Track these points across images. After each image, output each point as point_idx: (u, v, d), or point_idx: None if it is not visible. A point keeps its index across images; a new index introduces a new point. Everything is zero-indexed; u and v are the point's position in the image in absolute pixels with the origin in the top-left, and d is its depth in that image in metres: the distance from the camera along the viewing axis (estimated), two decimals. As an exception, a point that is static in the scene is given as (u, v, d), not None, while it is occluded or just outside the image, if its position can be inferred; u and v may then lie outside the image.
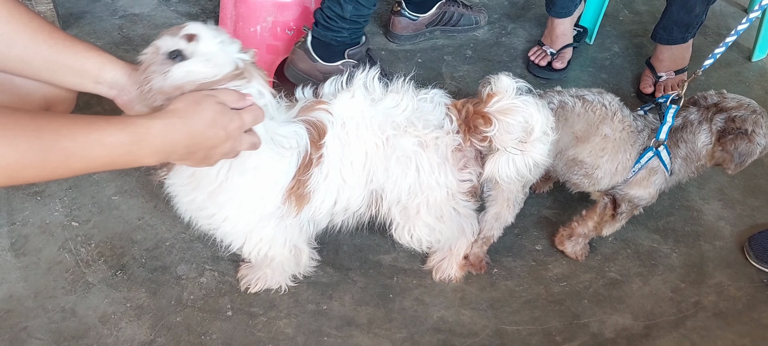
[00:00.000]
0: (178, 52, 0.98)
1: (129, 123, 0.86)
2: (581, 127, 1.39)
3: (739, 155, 1.35)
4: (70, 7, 2.35)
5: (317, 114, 1.19)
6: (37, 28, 1.01)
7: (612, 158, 1.41)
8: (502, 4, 2.64)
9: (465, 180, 1.27)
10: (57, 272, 1.46)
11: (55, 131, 0.81)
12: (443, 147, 1.22)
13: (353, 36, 1.88)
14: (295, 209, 1.21)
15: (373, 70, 1.23)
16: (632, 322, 1.48)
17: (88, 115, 0.86)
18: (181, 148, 0.92)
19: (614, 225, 1.51)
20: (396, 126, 1.20)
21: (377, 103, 1.21)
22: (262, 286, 1.45)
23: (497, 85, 1.20)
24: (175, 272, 1.49)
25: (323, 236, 1.48)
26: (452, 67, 2.26)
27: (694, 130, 1.41)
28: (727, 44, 1.40)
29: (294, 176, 1.16)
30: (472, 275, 1.54)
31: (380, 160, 1.21)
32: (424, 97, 1.25)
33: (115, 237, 1.55)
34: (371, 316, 1.44)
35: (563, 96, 1.40)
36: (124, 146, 0.85)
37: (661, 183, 1.47)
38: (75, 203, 1.62)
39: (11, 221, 1.56)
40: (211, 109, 0.93)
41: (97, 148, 0.83)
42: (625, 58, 2.36)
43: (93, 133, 0.83)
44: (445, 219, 1.32)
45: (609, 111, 1.39)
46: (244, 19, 1.97)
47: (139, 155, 0.88)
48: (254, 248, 1.27)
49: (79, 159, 0.82)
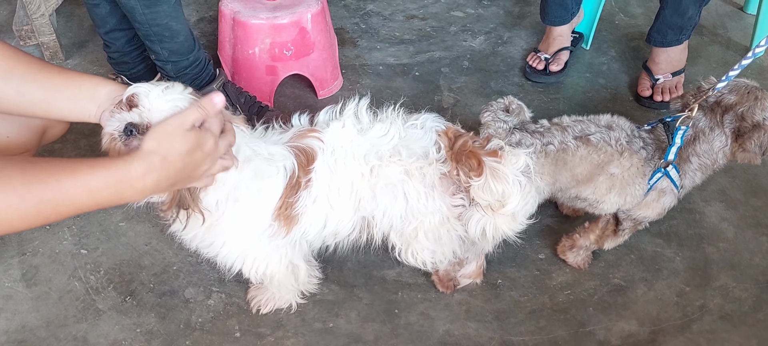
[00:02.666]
0: (131, 126, 0.98)
1: (111, 166, 0.90)
2: (583, 170, 1.35)
3: (761, 147, 1.31)
4: (72, 37, 2.40)
5: (308, 141, 1.22)
6: (30, 62, 1.04)
7: (620, 193, 1.37)
8: (498, 14, 2.66)
9: (457, 205, 1.27)
10: (68, 301, 1.49)
11: (43, 182, 0.85)
12: (429, 175, 1.22)
13: (197, 79, 1.87)
14: (284, 228, 1.23)
15: (363, 99, 1.25)
16: (638, 328, 1.48)
17: (72, 160, 0.90)
18: (164, 181, 0.95)
19: (616, 240, 1.51)
20: (380, 156, 1.21)
21: (365, 132, 1.23)
22: (272, 306, 1.47)
23: (506, 156, 1.19)
24: (183, 296, 1.51)
25: (327, 254, 1.50)
26: (450, 79, 2.28)
27: (707, 139, 1.35)
28: (742, 66, 1.31)
29: (281, 195, 1.19)
30: (477, 286, 1.56)
31: (367, 188, 1.22)
32: (415, 123, 1.26)
33: (124, 263, 1.58)
34: (378, 332, 1.46)
35: (565, 136, 1.33)
36: (110, 188, 0.90)
37: (671, 202, 1.42)
38: (83, 231, 1.64)
39: (21, 252, 1.59)
40: (185, 137, 0.95)
41: (83, 194, 0.88)
42: (622, 62, 2.38)
43: (79, 179, 0.87)
44: (444, 241, 1.32)
45: (615, 151, 1.33)
46: (241, 42, 2.00)
47: (125, 196, 0.92)
48: (253, 267, 1.30)
49: (68, 205, 0.87)
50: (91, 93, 1.06)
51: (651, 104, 2.14)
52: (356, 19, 2.61)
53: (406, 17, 2.63)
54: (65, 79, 1.05)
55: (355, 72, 2.31)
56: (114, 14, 1.83)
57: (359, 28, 2.55)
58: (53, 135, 1.24)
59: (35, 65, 1.05)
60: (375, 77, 2.28)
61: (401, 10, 2.67)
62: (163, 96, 1.00)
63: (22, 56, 1.04)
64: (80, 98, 1.05)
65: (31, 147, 1.20)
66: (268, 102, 2.07)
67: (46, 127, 1.20)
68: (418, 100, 2.15)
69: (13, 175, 0.84)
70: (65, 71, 1.07)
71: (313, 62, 2.08)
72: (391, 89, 2.20)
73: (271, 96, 2.09)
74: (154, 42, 1.76)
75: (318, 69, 2.11)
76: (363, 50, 2.42)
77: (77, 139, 1.89)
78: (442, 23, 2.59)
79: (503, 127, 1.35)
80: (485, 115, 1.38)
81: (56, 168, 0.87)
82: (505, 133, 1.34)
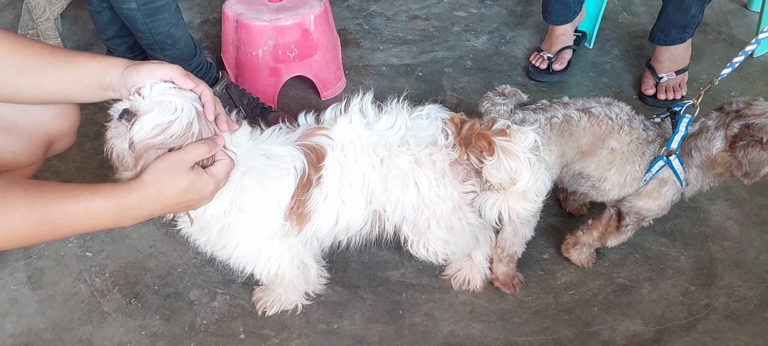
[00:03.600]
0: (125, 111, 1.02)
1: (111, 194, 0.95)
2: (586, 141, 1.37)
3: (749, 163, 1.27)
4: (77, 41, 2.41)
5: (317, 139, 1.23)
6: (39, 52, 1.06)
7: (619, 170, 1.38)
8: (501, 13, 2.66)
9: (468, 192, 1.28)
10: (73, 304, 1.49)
11: (46, 204, 0.90)
12: (439, 162, 1.23)
13: None
14: (297, 227, 1.24)
15: (367, 95, 1.27)
16: (643, 328, 1.48)
17: (74, 185, 0.95)
18: (157, 211, 1.00)
19: (619, 237, 1.50)
20: (389, 147, 1.22)
21: (372, 125, 1.25)
22: (278, 308, 1.47)
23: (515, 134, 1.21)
24: (187, 298, 1.52)
25: (332, 255, 1.51)
26: (453, 79, 2.28)
27: (709, 136, 1.33)
28: (746, 53, 1.34)
29: (293, 195, 1.20)
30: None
31: (378, 181, 1.23)
32: (420, 113, 1.27)
33: (129, 266, 1.58)
34: (382, 333, 1.46)
35: (569, 109, 1.37)
36: (108, 215, 0.95)
37: (673, 195, 1.41)
38: (88, 234, 1.65)
39: (27, 255, 1.60)
40: (185, 177, 0.99)
41: (82, 218, 0.93)
42: (625, 60, 2.37)
43: (80, 204, 0.92)
44: (456, 230, 1.33)
45: (615, 124, 1.35)
46: (245, 45, 2.00)
47: (121, 222, 0.98)
48: (265, 268, 1.31)
49: (67, 227, 0.93)
50: (98, 81, 1.08)
51: (655, 103, 2.13)
52: (359, 20, 2.61)
53: (409, 18, 2.63)
54: (75, 67, 1.08)
55: (359, 73, 2.31)
56: (115, 22, 1.84)
57: (362, 29, 2.55)
58: (57, 149, 1.26)
59: (44, 55, 1.07)
60: (378, 78, 2.29)
61: (404, 10, 2.68)
62: (174, 91, 1.02)
63: (31, 46, 1.06)
64: (90, 86, 1.09)
65: (37, 161, 1.21)
66: (271, 104, 2.08)
67: (52, 142, 1.22)
68: (422, 100, 2.13)
69: (17, 195, 0.88)
70: (73, 58, 1.09)
71: (316, 64, 2.09)
72: (394, 90, 2.19)
73: (274, 98, 2.09)
74: (156, 50, 1.76)
75: (321, 70, 2.12)
76: (366, 51, 2.42)
77: (82, 142, 1.90)
78: (445, 23, 2.59)
79: (505, 110, 1.37)
80: (484, 104, 1.42)
81: (58, 192, 0.92)
82: (508, 115, 1.36)
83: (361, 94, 1.27)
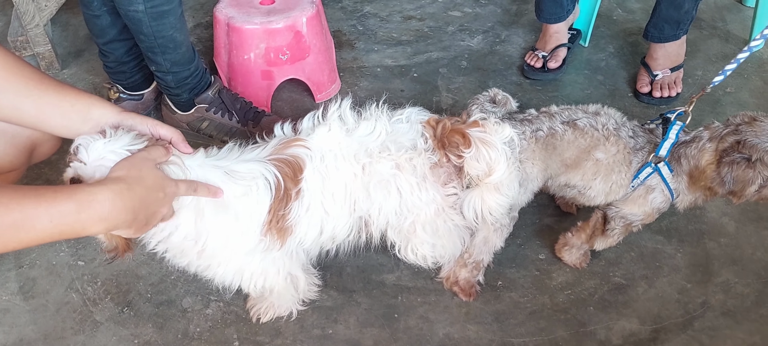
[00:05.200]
0: (71, 179, 1.01)
1: (75, 191, 0.89)
2: (571, 155, 1.35)
3: (733, 181, 1.22)
4: (68, 47, 2.40)
5: (293, 150, 1.20)
6: (27, 75, 1.05)
7: (605, 179, 1.37)
8: (495, 12, 2.65)
9: (450, 194, 1.27)
10: (65, 313, 1.48)
11: (5, 205, 0.83)
12: (419, 166, 1.22)
13: (195, 88, 1.88)
14: (278, 241, 1.22)
15: (345, 101, 1.25)
16: (639, 326, 1.47)
17: (36, 186, 0.89)
18: (126, 212, 0.93)
19: (606, 240, 1.49)
20: (370, 153, 1.21)
21: (352, 132, 1.23)
22: (272, 314, 1.46)
23: (490, 126, 1.20)
24: (180, 306, 1.50)
25: (325, 260, 1.50)
26: (448, 80, 2.27)
27: (700, 146, 1.28)
28: (738, 61, 1.32)
29: (269, 209, 1.17)
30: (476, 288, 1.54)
31: (361, 189, 1.22)
32: (400, 117, 1.26)
33: (121, 274, 1.57)
34: (377, 337, 1.45)
35: (554, 122, 1.35)
36: (72, 215, 0.87)
37: (660, 202, 1.38)
38: (80, 242, 1.64)
39: (19, 264, 1.59)
40: (152, 172, 0.99)
41: (44, 218, 0.85)
42: (620, 58, 2.36)
43: (41, 204, 0.85)
44: (442, 233, 1.32)
45: (601, 135, 1.33)
46: (237, 48, 1.99)
47: (87, 223, 0.89)
48: (251, 283, 1.29)
49: (28, 230, 0.85)
50: (83, 113, 1.07)
51: (650, 100, 2.12)
52: (353, 21, 2.60)
53: (403, 18, 2.62)
54: (60, 97, 1.06)
55: (353, 74, 2.30)
56: (115, 26, 1.82)
57: (356, 30, 2.54)
58: (43, 153, 1.24)
59: (32, 80, 1.05)
60: (373, 79, 2.27)
61: (398, 11, 2.66)
62: (98, 155, 1.01)
63: (20, 68, 1.05)
64: (72, 118, 1.07)
65: (20, 165, 1.19)
66: (265, 108, 2.06)
67: (35, 146, 1.20)
68: (417, 101, 2.13)
69: None
70: (61, 88, 1.08)
71: (309, 66, 2.07)
72: (389, 91, 2.19)
73: (268, 101, 2.08)
74: (157, 53, 1.75)
75: (314, 73, 2.10)
76: (360, 52, 2.41)
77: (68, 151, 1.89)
78: (439, 23, 2.58)
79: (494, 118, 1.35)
80: (473, 108, 1.40)
81: (20, 192, 0.86)
82: None
83: (338, 101, 1.25)
